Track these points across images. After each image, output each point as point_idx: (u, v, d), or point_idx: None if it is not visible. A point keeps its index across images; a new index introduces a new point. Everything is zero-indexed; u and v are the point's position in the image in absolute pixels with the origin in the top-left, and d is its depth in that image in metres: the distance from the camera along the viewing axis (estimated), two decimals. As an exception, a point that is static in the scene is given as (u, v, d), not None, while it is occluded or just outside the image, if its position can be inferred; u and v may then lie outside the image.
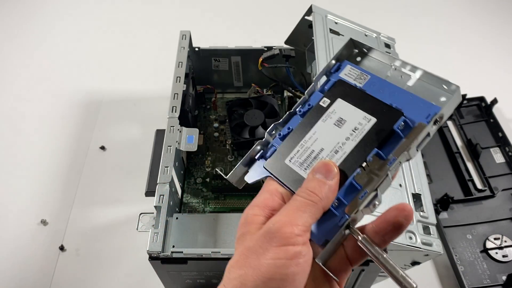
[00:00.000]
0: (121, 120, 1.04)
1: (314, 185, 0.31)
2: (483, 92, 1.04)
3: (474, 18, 1.31)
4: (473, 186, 0.89)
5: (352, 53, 0.39)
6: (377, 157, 0.32)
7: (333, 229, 0.31)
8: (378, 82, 0.36)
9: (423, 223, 0.55)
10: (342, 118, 0.35)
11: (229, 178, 0.37)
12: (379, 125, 0.33)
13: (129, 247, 0.82)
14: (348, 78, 0.37)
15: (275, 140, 0.37)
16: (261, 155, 0.37)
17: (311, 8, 0.73)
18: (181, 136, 0.65)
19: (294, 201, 0.30)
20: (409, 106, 0.33)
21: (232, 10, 1.33)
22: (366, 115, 0.34)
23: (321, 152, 0.34)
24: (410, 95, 0.34)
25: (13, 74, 1.15)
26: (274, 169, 0.35)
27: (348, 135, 0.34)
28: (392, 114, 0.33)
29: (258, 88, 0.87)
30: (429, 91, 0.34)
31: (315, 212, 0.30)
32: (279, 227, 0.29)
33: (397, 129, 0.32)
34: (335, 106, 0.36)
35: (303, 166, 0.34)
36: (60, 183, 0.92)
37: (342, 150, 0.33)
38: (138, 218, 0.57)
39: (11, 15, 1.30)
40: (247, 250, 0.29)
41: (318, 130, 0.35)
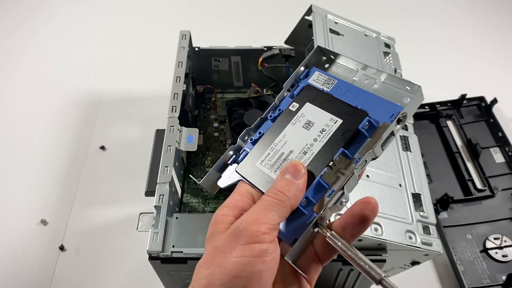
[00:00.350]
0: (121, 120, 1.04)
1: (282, 184, 0.31)
2: (483, 92, 1.04)
3: (474, 18, 1.31)
4: (473, 186, 0.89)
5: (321, 60, 0.40)
6: (343, 156, 0.33)
7: (302, 227, 0.32)
8: (344, 86, 0.37)
9: (423, 223, 0.55)
10: (310, 120, 0.36)
11: (202, 183, 0.38)
12: (345, 125, 0.34)
13: (129, 247, 0.82)
14: (316, 83, 0.39)
15: (247, 145, 0.38)
16: (234, 160, 0.38)
17: (311, 8, 0.73)
18: (181, 136, 0.65)
19: (262, 201, 0.31)
20: (373, 107, 0.34)
21: (232, 10, 1.33)
22: (333, 117, 0.35)
23: (290, 154, 0.35)
24: (374, 97, 0.35)
25: (13, 74, 1.15)
26: (246, 172, 0.36)
27: (316, 136, 0.35)
28: (357, 115, 0.34)
29: (258, 88, 0.87)
30: (394, 93, 0.35)
31: (283, 211, 0.30)
32: (245, 226, 0.29)
33: (362, 129, 0.33)
34: (303, 110, 0.37)
35: (273, 168, 0.35)
36: (60, 183, 0.92)
37: (310, 151, 0.35)
38: (138, 218, 0.57)
39: (11, 14, 1.30)
40: (215, 250, 0.30)
41: (287, 133, 0.36)
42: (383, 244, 0.53)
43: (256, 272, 0.28)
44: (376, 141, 0.32)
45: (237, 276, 0.28)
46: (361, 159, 0.32)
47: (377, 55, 0.74)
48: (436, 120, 1.01)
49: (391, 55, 0.76)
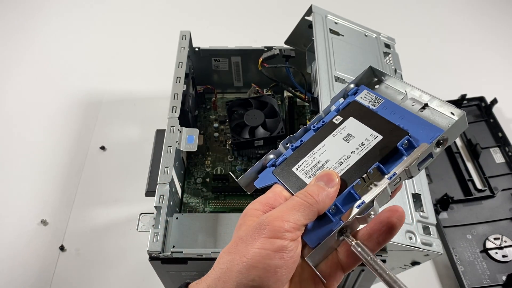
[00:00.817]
0: (121, 120, 1.04)
1: (313, 188, 0.32)
2: (483, 92, 1.04)
3: (474, 18, 1.31)
4: (473, 186, 0.89)
5: (372, 81, 0.41)
6: (377, 170, 0.34)
7: (327, 234, 0.32)
8: (390, 106, 0.38)
9: (423, 223, 0.55)
10: (351, 134, 0.37)
11: (240, 181, 0.38)
12: (384, 142, 0.35)
13: (129, 247, 0.82)
14: (363, 101, 0.39)
15: (287, 151, 0.39)
16: (272, 164, 0.39)
17: (311, 8, 0.73)
18: (181, 136, 0.65)
19: (291, 201, 0.32)
20: (415, 128, 0.35)
21: (232, 10, 1.33)
22: (374, 133, 0.36)
23: (327, 163, 0.36)
24: (418, 119, 0.36)
25: (13, 74, 1.15)
26: (281, 176, 0.37)
27: (354, 149, 0.36)
28: (397, 133, 0.35)
29: (258, 88, 0.87)
30: (439, 117, 0.36)
31: (309, 213, 0.31)
32: (270, 221, 0.30)
33: (400, 146, 0.34)
34: (346, 124, 0.38)
35: (308, 174, 0.36)
36: (60, 183, 0.92)
37: (346, 162, 0.35)
38: (138, 218, 0.57)
39: (11, 14, 1.30)
40: (239, 239, 0.31)
41: (327, 143, 0.37)
42: (383, 244, 0.53)
43: (272, 266, 0.29)
44: (413, 160, 0.33)
45: (254, 266, 0.29)
46: (395, 176, 0.33)
47: (377, 55, 0.74)
48: (436, 120, 1.01)
49: (391, 55, 0.76)
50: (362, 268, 0.58)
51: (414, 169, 0.34)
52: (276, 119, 0.79)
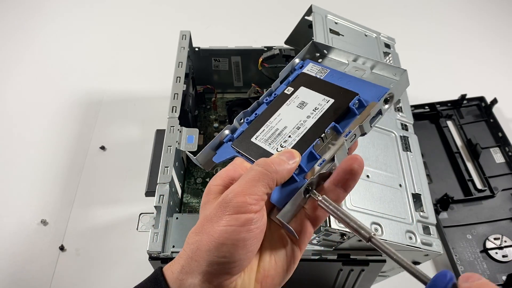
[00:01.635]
0: (121, 120, 1.04)
1: (274, 158, 0.33)
2: (483, 92, 1.04)
3: (474, 18, 1.31)
4: (473, 186, 0.89)
5: (315, 56, 0.43)
6: (334, 130, 0.36)
7: (293, 193, 0.33)
8: (336, 74, 0.40)
9: (423, 223, 0.55)
10: (304, 101, 0.39)
11: (197, 159, 0.39)
12: (336, 104, 0.37)
13: (129, 247, 0.82)
14: (310, 72, 0.41)
15: (242, 125, 0.41)
16: (229, 139, 0.40)
17: (311, 8, 0.73)
18: (181, 136, 0.65)
19: (251, 171, 0.32)
20: (363, 90, 0.37)
21: (232, 10, 1.33)
22: (325, 97, 0.38)
23: (284, 129, 0.37)
24: (364, 82, 0.38)
25: (13, 74, 1.15)
26: (241, 147, 0.38)
27: (309, 114, 0.37)
28: (348, 94, 0.37)
29: (258, 88, 0.87)
30: (382, 80, 0.38)
31: (269, 182, 0.32)
32: (232, 197, 0.30)
33: (352, 106, 0.36)
34: (298, 93, 0.40)
35: (268, 142, 0.37)
36: (60, 183, 0.92)
37: (303, 126, 0.37)
38: (138, 218, 0.57)
39: (11, 14, 1.30)
40: (204, 219, 0.31)
41: (282, 112, 0.39)
42: (383, 244, 0.53)
43: (240, 240, 0.30)
44: (365, 117, 0.35)
45: (223, 243, 0.29)
46: (350, 133, 0.35)
47: (377, 55, 0.74)
48: (436, 120, 1.01)
49: (391, 55, 0.76)
50: (362, 268, 0.58)
51: (366, 126, 0.35)
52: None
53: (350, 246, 0.56)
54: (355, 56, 0.40)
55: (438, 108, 1.01)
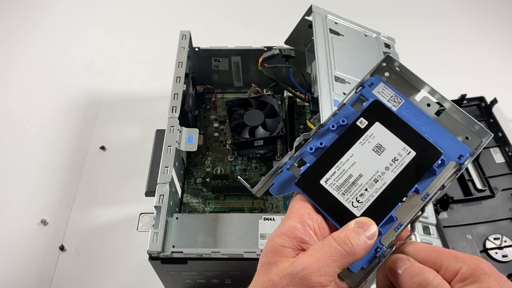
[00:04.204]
0: (121, 120, 1.04)
1: (353, 235, 0.31)
2: (483, 92, 1.04)
3: (474, 18, 1.31)
4: (473, 186, 0.89)
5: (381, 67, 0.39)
6: (415, 192, 0.34)
7: (368, 259, 0.32)
8: (412, 109, 0.36)
9: (423, 223, 0.55)
10: (381, 145, 0.35)
11: (255, 191, 0.36)
12: (418, 159, 0.34)
13: (129, 247, 0.82)
14: (382, 98, 0.37)
15: (303, 152, 0.36)
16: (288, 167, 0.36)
17: (311, 8, 0.73)
18: (181, 136, 0.65)
19: (328, 247, 0.30)
20: (442, 141, 0.35)
21: (232, 10, 1.33)
22: (406, 147, 0.35)
23: (360, 178, 0.34)
24: (443, 130, 0.35)
25: (13, 74, 1.15)
26: (308, 189, 0.34)
27: (388, 165, 0.34)
28: (431, 151, 0.34)
29: (258, 88, 0.87)
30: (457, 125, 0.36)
31: (345, 262, 0.30)
32: (307, 274, 0.29)
33: (435, 167, 0.34)
34: (373, 130, 0.35)
35: (341, 191, 0.34)
36: (60, 183, 0.92)
37: (381, 180, 0.34)
38: (138, 218, 0.57)
39: (11, 14, 1.30)
40: (271, 285, 0.30)
41: (356, 153, 0.35)
42: (383, 244, 0.53)
43: None
44: (444, 180, 0.34)
45: None
46: (429, 196, 0.33)
47: (377, 55, 0.74)
48: (436, 120, 1.01)
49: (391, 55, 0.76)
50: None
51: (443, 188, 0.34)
52: (276, 119, 0.79)
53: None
54: (430, 88, 0.37)
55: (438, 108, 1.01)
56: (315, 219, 0.33)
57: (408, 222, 0.33)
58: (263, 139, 0.77)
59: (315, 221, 0.33)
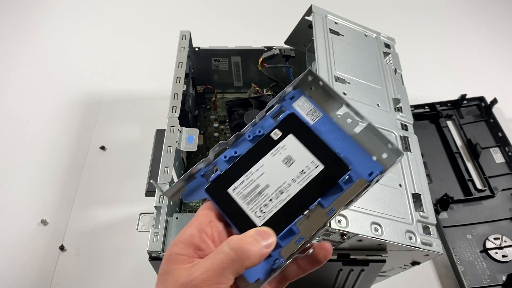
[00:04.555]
0: (121, 120, 1.04)
1: (248, 239, 0.31)
2: (483, 92, 1.04)
3: (474, 18, 1.31)
4: (473, 186, 0.89)
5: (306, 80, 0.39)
6: (319, 205, 0.33)
7: (266, 269, 0.32)
8: (328, 124, 0.36)
9: (423, 223, 0.55)
10: (291, 157, 0.35)
11: (166, 193, 0.36)
12: (325, 173, 0.34)
13: (129, 247, 0.82)
14: (301, 111, 0.37)
15: (219, 159, 0.37)
16: (201, 174, 0.37)
17: (311, 8, 0.73)
18: (181, 136, 0.65)
19: (220, 253, 0.30)
20: (354, 157, 0.34)
21: (232, 10, 1.33)
22: (315, 160, 0.35)
23: (266, 188, 0.34)
24: (356, 147, 0.35)
25: (13, 74, 1.15)
26: (215, 196, 0.35)
27: (295, 177, 0.35)
28: (339, 166, 0.34)
29: (258, 88, 0.87)
30: (374, 143, 0.35)
31: (238, 268, 0.30)
32: (196, 285, 0.29)
33: (341, 182, 0.34)
34: (285, 142, 0.36)
35: (246, 199, 0.34)
36: (60, 183, 0.92)
37: (286, 192, 0.34)
38: (138, 218, 0.57)
39: (11, 14, 1.30)
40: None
41: (265, 164, 0.35)
42: (383, 244, 0.53)
43: None
44: (351, 196, 0.33)
45: None
46: (333, 212, 0.33)
47: (377, 55, 0.74)
48: (436, 120, 1.01)
49: (391, 55, 0.76)
50: (362, 268, 0.58)
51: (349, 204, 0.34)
52: (276, 119, 0.79)
53: (350, 246, 0.55)
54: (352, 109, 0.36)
55: (438, 108, 1.01)
56: (216, 227, 0.33)
57: (310, 236, 0.33)
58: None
59: (215, 229, 0.33)
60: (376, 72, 0.70)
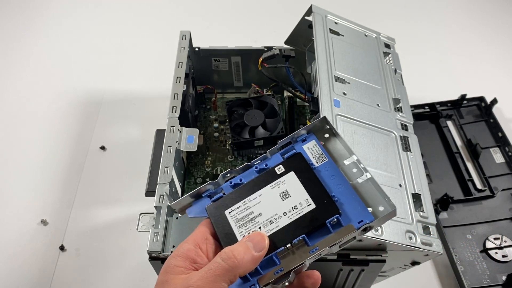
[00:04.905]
0: (121, 120, 1.04)
1: (240, 249, 0.33)
2: (483, 92, 1.04)
3: (474, 19, 1.31)
4: (473, 186, 0.89)
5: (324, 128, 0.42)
6: (303, 241, 0.35)
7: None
8: (332, 169, 0.39)
9: (423, 223, 0.55)
10: (288, 192, 0.38)
11: (173, 205, 0.39)
12: (315, 212, 0.36)
13: (129, 247, 0.82)
14: (309, 153, 0.40)
15: (225, 185, 0.40)
16: (208, 195, 0.40)
17: (311, 8, 0.73)
18: (181, 136, 0.65)
19: (214, 263, 0.33)
20: (348, 203, 0.36)
21: (232, 10, 1.33)
22: (308, 198, 0.37)
23: (258, 217, 0.37)
24: (354, 194, 0.37)
25: (13, 74, 1.15)
26: (213, 215, 0.38)
27: (287, 210, 0.37)
28: (330, 207, 0.36)
29: (258, 88, 0.87)
30: (373, 195, 0.37)
31: (231, 277, 0.32)
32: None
33: (328, 224, 0.35)
34: (286, 177, 0.39)
35: (239, 223, 0.37)
36: (60, 183, 0.92)
37: (276, 223, 0.36)
38: (138, 218, 0.57)
39: (12, 14, 1.30)
40: None
41: (263, 194, 0.38)
42: (383, 244, 0.53)
43: None
44: (336, 240, 0.35)
45: None
46: (316, 251, 0.34)
47: (377, 55, 0.74)
48: (436, 120, 1.01)
49: (391, 55, 0.76)
50: (362, 268, 0.58)
51: (335, 248, 0.35)
52: (276, 119, 0.79)
53: (350, 246, 0.55)
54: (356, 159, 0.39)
55: (438, 108, 1.01)
56: (211, 244, 0.36)
57: (289, 270, 0.34)
58: (263, 139, 0.77)
59: (210, 246, 0.36)
60: (376, 72, 0.70)
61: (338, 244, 0.35)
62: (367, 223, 0.35)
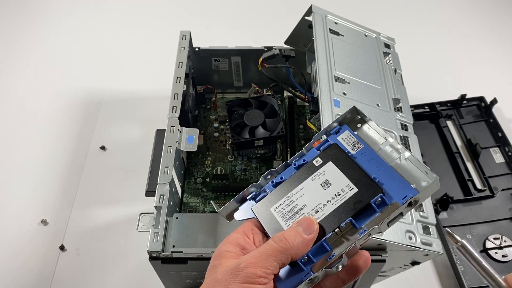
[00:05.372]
0: (121, 120, 1.04)
1: (290, 233, 0.34)
2: (483, 92, 1.04)
3: (474, 18, 1.31)
4: (472, 186, 0.89)
5: (355, 119, 0.43)
6: (350, 224, 0.36)
7: (297, 282, 0.34)
8: (369, 153, 0.39)
9: (423, 223, 0.55)
10: (329, 180, 0.38)
11: (221, 212, 0.41)
12: (359, 195, 0.37)
13: (129, 247, 0.82)
14: (344, 142, 0.41)
15: (267, 185, 0.41)
16: (252, 197, 0.41)
17: (311, 8, 0.73)
18: (181, 136, 0.65)
19: (266, 245, 0.34)
20: (390, 183, 0.37)
21: (232, 10, 1.33)
22: (350, 183, 0.37)
23: (303, 208, 0.38)
24: (394, 173, 0.37)
25: (13, 74, 1.15)
26: (260, 214, 0.39)
27: (330, 198, 0.37)
28: (372, 188, 0.36)
29: (258, 88, 0.87)
30: (413, 172, 0.37)
31: (282, 258, 0.33)
32: (244, 267, 0.33)
33: (373, 203, 0.36)
34: (325, 168, 0.39)
35: (285, 218, 0.38)
36: (60, 183, 0.92)
37: (321, 211, 0.37)
38: (138, 218, 0.57)
39: (12, 14, 1.30)
40: (215, 281, 0.33)
41: (305, 187, 0.39)
42: (383, 244, 0.53)
43: None
44: (383, 218, 0.35)
45: None
46: (365, 232, 0.35)
47: (377, 55, 0.74)
48: (436, 120, 1.01)
49: (391, 55, 0.76)
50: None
51: (383, 226, 0.36)
52: (276, 119, 0.79)
53: (350, 246, 0.56)
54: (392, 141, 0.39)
55: (438, 108, 1.01)
56: (257, 234, 0.38)
57: (340, 253, 0.35)
58: (263, 139, 0.77)
59: (257, 236, 0.38)
60: (376, 72, 0.70)
61: (386, 222, 0.35)
62: (411, 197, 0.35)
